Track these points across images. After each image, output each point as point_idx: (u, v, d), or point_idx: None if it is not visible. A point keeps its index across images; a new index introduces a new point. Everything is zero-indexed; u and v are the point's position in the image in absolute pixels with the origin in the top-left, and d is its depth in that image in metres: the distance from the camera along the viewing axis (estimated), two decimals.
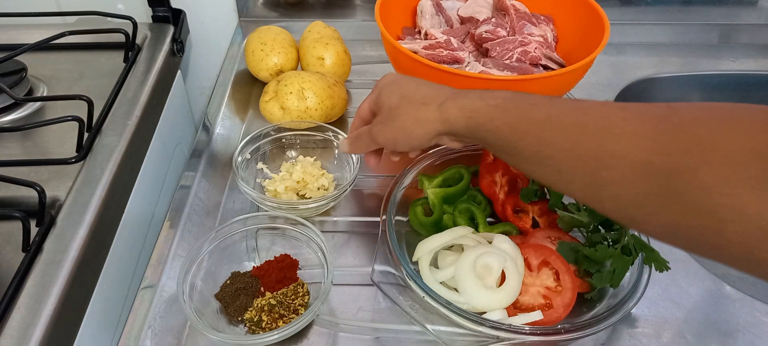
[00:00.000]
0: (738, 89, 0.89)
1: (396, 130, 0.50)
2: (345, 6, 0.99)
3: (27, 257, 0.53)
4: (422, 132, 0.48)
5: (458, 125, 0.46)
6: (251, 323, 0.51)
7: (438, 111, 0.47)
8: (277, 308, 0.51)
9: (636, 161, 0.33)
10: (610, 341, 0.53)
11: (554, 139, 0.38)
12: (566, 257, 0.54)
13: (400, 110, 0.49)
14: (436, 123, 0.47)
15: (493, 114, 0.43)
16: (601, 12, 0.72)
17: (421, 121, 0.48)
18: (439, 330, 0.50)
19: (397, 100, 0.50)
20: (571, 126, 0.38)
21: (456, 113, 0.46)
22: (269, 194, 0.64)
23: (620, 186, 0.34)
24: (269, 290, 0.54)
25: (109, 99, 0.72)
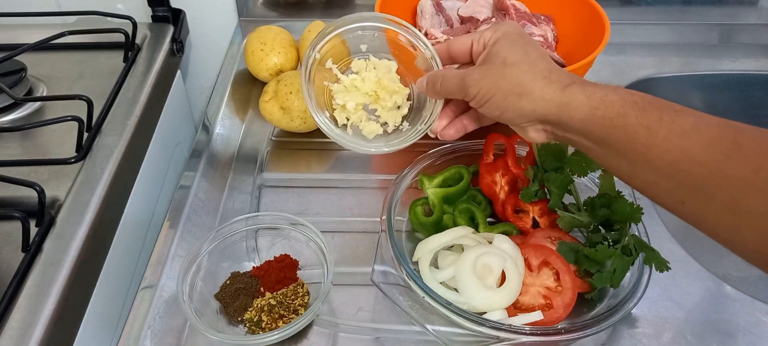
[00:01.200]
0: (738, 89, 0.89)
1: (497, 88, 0.43)
2: (345, 5, 0.99)
3: (27, 257, 0.53)
4: (528, 108, 0.42)
5: (578, 115, 0.40)
6: (251, 324, 0.51)
7: (560, 92, 0.41)
8: (276, 309, 0.51)
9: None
10: (611, 341, 0.53)
11: (700, 153, 0.34)
12: (566, 257, 0.54)
13: (516, 69, 0.42)
14: (551, 105, 0.41)
15: (628, 110, 0.38)
16: (602, 12, 0.72)
17: (532, 95, 0.41)
18: (439, 330, 0.50)
19: (517, 57, 0.43)
20: (722, 141, 0.33)
21: (581, 100, 0.40)
22: (339, 109, 0.54)
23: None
24: (269, 290, 0.54)
25: (108, 99, 0.72)
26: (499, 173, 0.62)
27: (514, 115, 0.43)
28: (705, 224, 0.35)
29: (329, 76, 0.56)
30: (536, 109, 0.42)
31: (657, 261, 0.52)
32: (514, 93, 0.42)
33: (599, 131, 0.39)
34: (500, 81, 0.43)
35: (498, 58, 0.44)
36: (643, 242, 0.53)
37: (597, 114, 0.39)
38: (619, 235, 0.53)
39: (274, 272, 0.54)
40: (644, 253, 0.52)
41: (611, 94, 0.39)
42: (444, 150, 0.65)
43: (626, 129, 0.37)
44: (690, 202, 0.35)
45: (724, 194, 0.33)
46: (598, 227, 0.56)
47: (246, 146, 0.73)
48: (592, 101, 0.40)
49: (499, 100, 0.43)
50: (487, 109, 0.44)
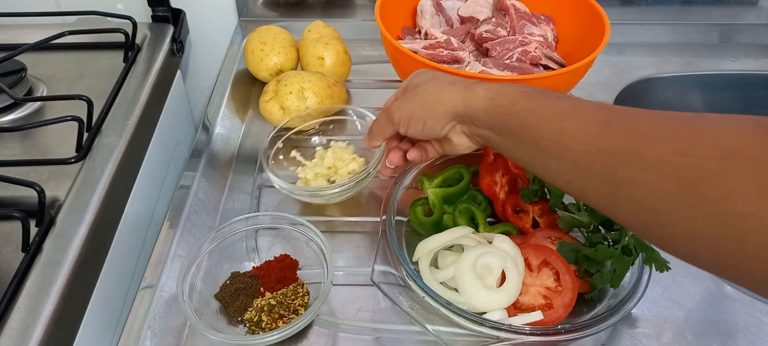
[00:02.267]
0: (738, 89, 0.89)
1: (414, 105, 0.49)
2: (345, 6, 0.99)
3: (26, 257, 0.53)
4: (440, 110, 0.47)
5: (479, 106, 0.44)
6: (251, 324, 0.51)
7: (464, 90, 0.46)
8: (276, 309, 0.51)
9: (657, 160, 0.32)
10: (611, 341, 0.53)
11: (576, 131, 0.37)
12: (566, 257, 0.54)
13: (425, 87, 0.49)
14: (458, 101, 0.46)
15: (517, 98, 0.42)
16: (602, 12, 0.72)
17: (442, 99, 0.47)
18: (439, 330, 0.50)
19: (425, 79, 0.49)
20: (595, 120, 0.37)
21: (481, 93, 0.44)
22: (301, 182, 0.64)
23: (639, 187, 0.33)
24: (269, 290, 0.54)
25: (108, 99, 0.72)
26: (499, 172, 0.62)
27: (434, 122, 0.48)
28: (589, 198, 0.38)
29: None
30: (448, 109, 0.46)
31: (657, 261, 0.52)
32: (428, 103, 0.48)
33: (498, 120, 0.43)
34: (416, 99, 0.49)
35: (410, 87, 0.50)
36: (643, 241, 0.53)
37: (494, 104, 0.43)
38: (619, 235, 0.53)
39: (274, 272, 0.54)
40: (644, 253, 0.52)
41: (505, 87, 0.44)
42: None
43: (518, 115, 0.41)
44: (575, 178, 0.38)
45: (599, 166, 0.35)
46: (598, 227, 0.56)
47: (246, 146, 0.73)
48: (489, 93, 0.44)
49: (419, 112, 0.48)
50: (413, 127, 0.49)
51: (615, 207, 0.35)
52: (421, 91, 0.49)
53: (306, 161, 0.67)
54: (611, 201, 0.36)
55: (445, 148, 0.52)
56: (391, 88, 0.83)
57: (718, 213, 0.29)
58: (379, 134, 0.53)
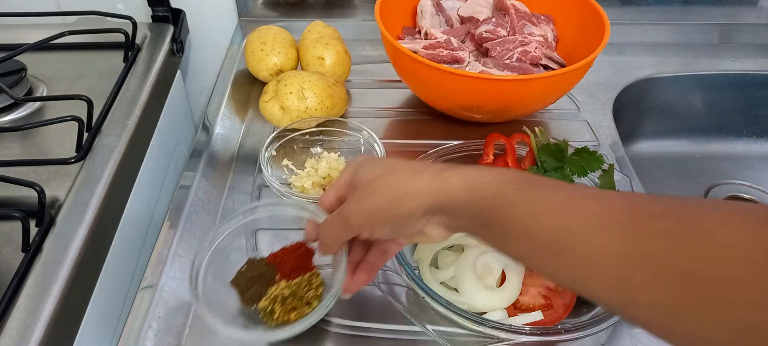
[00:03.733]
0: (738, 89, 0.89)
1: (376, 206, 0.41)
2: (345, 6, 0.99)
3: (26, 257, 0.53)
4: (412, 205, 0.39)
5: (458, 198, 0.38)
6: (264, 313, 0.49)
7: (434, 180, 0.39)
8: (290, 300, 0.49)
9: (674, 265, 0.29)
10: (611, 341, 0.53)
11: (579, 228, 0.33)
12: None
13: (382, 181, 0.41)
14: (430, 194, 0.39)
15: (505, 189, 0.36)
16: (602, 12, 0.72)
17: (409, 193, 0.40)
18: (439, 330, 0.50)
19: (380, 171, 0.42)
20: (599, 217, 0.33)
21: (457, 183, 0.38)
22: (297, 189, 0.64)
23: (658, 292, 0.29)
24: (285, 279, 0.51)
25: (108, 99, 0.72)
26: None
27: (405, 221, 0.40)
28: (598, 299, 0.34)
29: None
30: (421, 204, 0.39)
31: None
32: (393, 200, 0.40)
33: (481, 214, 0.37)
34: (375, 197, 0.41)
35: (362, 182, 0.42)
36: None
37: (475, 197, 0.37)
38: None
39: (290, 260, 0.51)
40: None
41: (484, 174, 0.38)
42: (443, 150, 0.65)
43: (505, 209, 0.36)
44: (579, 279, 0.34)
45: (610, 269, 0.31)
46: None
47: (246, 146, 0.73)
48: (467, 183, 0.38)
49: (384, 214, 0.40)
50: (379, 230, 0.42)
51: (630, 310, 0.32)
52: (379, 188, 0.41)
53: (298, 170, 0.67)
54: (625, 303, 0.32)
55: (417, 241, 0.45)
56: (391, 88, 0.83)
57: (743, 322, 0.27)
58: (333, 242, 0.45)
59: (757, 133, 0.93)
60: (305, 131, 0.69)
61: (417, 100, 0.79)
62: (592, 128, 0.76)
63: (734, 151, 0.93)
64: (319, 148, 0.70)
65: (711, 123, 0.92)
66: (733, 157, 0.93)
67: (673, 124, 0.92)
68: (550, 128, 0.77)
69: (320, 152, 0.70)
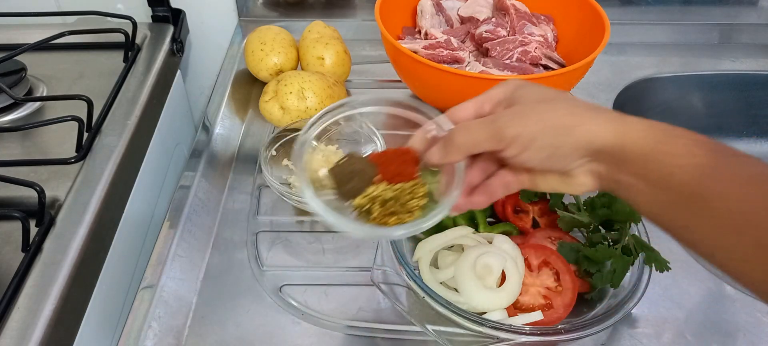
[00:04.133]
0: (738, 89, 0.89)
1: (544, 123, 0.36)
2: (345, 6, 0.99)
3: (26, 257, 0.53)
4: (582, 138, 0.36)
5: (638, 147, 0.34)
6: (360, 211, 0.45)
7: (614, 120, 0.36)
8: (391, 203, 0.45)
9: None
10: (611, 341, 0.53)
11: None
12: (567, 257, 0.54)
13: (556, 104, 0.37)
14: (607, 134, 0.35)
15: (696, 150, 0.32)
16: (602, 12, 0.72)
17: (584, 125, 0.36)
18: (439, 331, 0.50)
19: (553, 94, 0.38)
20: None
21: (642, 130, 0.35)
22: (297, 189, 0.63)
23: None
24: (386, 181, 0.46)
25: (108, 99, 0.72)
26: None
27: (567, 152, 0.36)
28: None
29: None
30: (593, 139, 0.35)
31: (657, 261, 0.52)
32: (564, 125, 0.36)
33: (661, 170, 0.33)
34: (545, 115, 0.37)
35: (527, 98, 0.38)
36: (643, 241, 0.53)
37: (661, 149, 0.34)
38: (619, 235, 0.53)
39: (393, 164, 0.47)
40: (644, 253, 0.52)
41: (674, 129, 0.34)
42: None
43: (693, 170, 0.32)
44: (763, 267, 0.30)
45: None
46: (598, 227, 0.56)
47: (246, 146, 0.73)
48: (654, 133, 0.34)
49: (549, 136, 0.36)
50: (530, 155, 0.37)
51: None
52: (551, 109, 0.37)
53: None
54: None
55: (553, 185, 0.40)
56: (391, 88, 0.83)
57: None
58: (464, 148, 0.40)
59: (758, 134, 0.93)
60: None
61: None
62: None
63: None
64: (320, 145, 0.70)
65: (711, 123, 0.92)
66: None
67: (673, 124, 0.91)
68: None
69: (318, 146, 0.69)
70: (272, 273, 0.58)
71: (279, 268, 0.58)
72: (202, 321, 0.54)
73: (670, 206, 0.34)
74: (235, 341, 0.52)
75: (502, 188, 0.42)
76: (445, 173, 0.45)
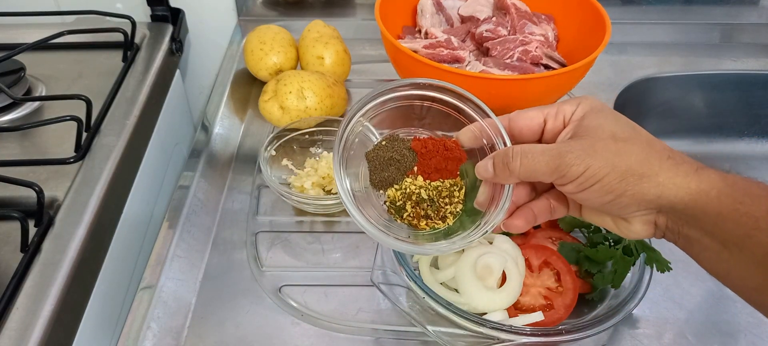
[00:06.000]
0: (739, 89, 0.89)
1: (614, 167, 0.34)
2: (345, 5, 0.98)
3: (25, 257, 0.53)
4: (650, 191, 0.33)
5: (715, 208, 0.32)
6: (392, 205, 0.44)
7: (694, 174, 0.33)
8: (426, 204, 0.43)
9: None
10: (612, 341, 0.52)
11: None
12: (567, 257, 0.53)
13: (632, 146, 0.35)
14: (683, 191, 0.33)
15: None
16: (603, 11, 0.72)
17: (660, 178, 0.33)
18: (439, 331, 0.50)
19: (628, 132, 0.35)
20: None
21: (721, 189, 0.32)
22: (296, 189, 0.64)
23: None
24: (424, 175, 0.44)
25: (107, 99, 0.72)
26: None
27: (630, 202, 0.34)
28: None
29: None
30: (663, 194, 0.33)
31: (658, 262, 0.51)
32: (634, 174, 0.34)
33: (736, 232, 0.31)
34: (615, 158, 0.34)
35: (601, 131, 0.35)
36: (644, 242, 0.53)
37: (740, 210, 0.32)
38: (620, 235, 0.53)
39: (436, 157, 0.44)
40: (645, 253, 0.52)
41: (755, 188, 0.32)
42: None
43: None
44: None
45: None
46: (599, 228, 0.56)
47: (245, 146, 0.73)
48: (734, 192, 0.32)
49: (614, 182, 0.34)
50: (591, 194, 0.35)
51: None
52: (620, 152, 0.34)
53: (298, 170, 0.67)
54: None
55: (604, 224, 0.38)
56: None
57: None
58: (524, 175, 0.37)
59: (758, 133, 0.93)
60: (305, 131, 0.69)
61: None
62: None
63: (735, 151, 0.93)
64: (318, 148, 0.70)
65: (712, 123, 0.92)
66: (734, 157, 0.92)
67: (674, 124, 0.92)
68: None
69: (320, 152, 0.70)
70: (272, 273, 0.57)
71: (278, 268, 0.58)
72: (202, 322, 0.53)
73: (741, 267, 0.32)
74: (235, 341, 0.52)
75: (547, 214, 0.40)
76: (489, 185, 0.42)
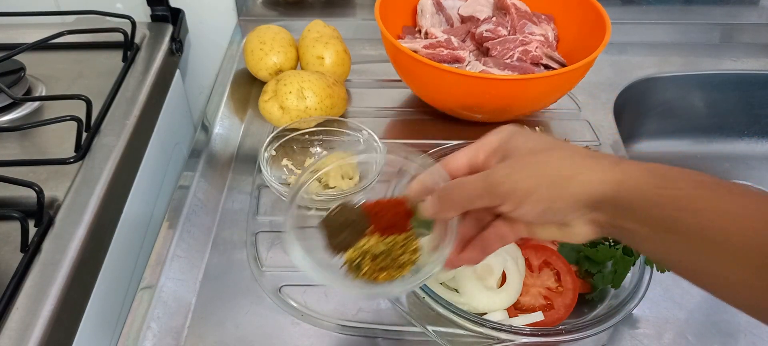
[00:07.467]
0: (739, 89, 0.89)
1: (540, 177, 0.35)
2: (345, 5, 0.98)
3: (25, 257, 0.53)
4: (578, 190, 0.35)
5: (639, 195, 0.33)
6: (350, 265, 0.45)
7: (614, 167, 0.35)
8: (382, 257, 0.44)
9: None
10: (612, 341, 0.52)
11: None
12: (567, 257, 0.53)
13: (550, 155, 0.36)
14: (606, 183, 0.34)
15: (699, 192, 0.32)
16: (603, 11, 0.72)
17: (581, 176, 0.35)
18: (439, 331, 0.50)
19: (546, 144, 0.37)
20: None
21: (641, 177, 0.34)
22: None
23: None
24: (378, 233, 0.46)
25: (107, 99, 0.72)
26: None
27: (564, 205, 0.35)
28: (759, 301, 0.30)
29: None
30: (590, 191, 0.34)
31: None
32: (560, 177, 0.35)
33: (665, 216, 0.32)
34: (538, 169, 0.36)
35: (522, 149, 0.37)
36: None
37: (663, 194, 0.33)
38: None
39: (386, 215, 0.46)
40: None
41: (673, 172, 0.34)
42: (444, 150, 0.65)
43: (697, 214, 0.32)
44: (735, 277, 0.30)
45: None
46: None
47: (245, 146, 0.73)
48: (654, 179, 0.33)
49: (544, 190, 0.35)
50: (527, 208, 0.36)
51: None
52: (544, 161, 0.36)
53: (298, 170, 0.67)
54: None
55: (552, 235, 0.39)
56: (391, 87, 0.83)
57: None
58: (458, 205, 0.39)
59: (758, 133, 0.93)
60: (305, 131, 0.69)
61: (417, 99, 0.79)
62: (593, 128, 0.76)
63: (735, 151, 0.93)
64: (318, 148, 0.70)
65: (712, 123, 0.92)
66: (734, 157, 0.92)
67: (674, 124, 0.92)
68: (550, 128, 0.77)
69: (320, 152, 0.69)
70: (272, 273, 0.57)
71: (278, 268, 0.58)
72: (202, 322, 0.53)
73: (675, 250, 0.33)
74: (235, 341, 0.52)
75: (498, 241, 0.41)
76: (438, 227, 0.44)
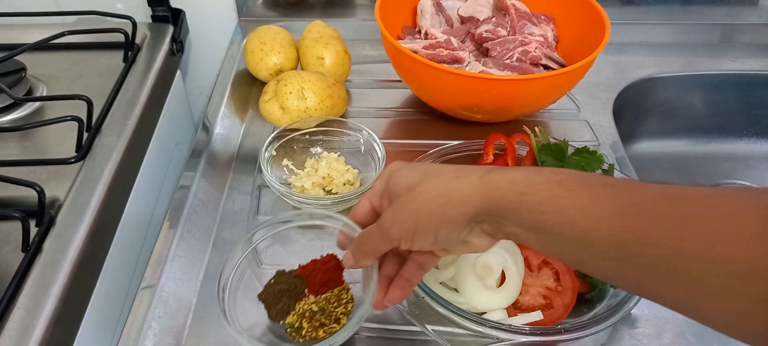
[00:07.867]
0: (739, 89, 0.89)
1: (415, 214, 0.38)
2: (345, 5, 0.99)
3: (26, 257, 0.53)
4: (456, 212, 0.37)
5: (508, 203, 0.35)
6: (292, 329, 0.48)
7: (480, 183, 0.36)
8: (318, 316, 0.47)
9: (756, 267, 0.27)
10: (611, 341, 0.52)
11: (646, 232, 0.31)
12: None
13: (423, 187, 0.38)
14: (477, 199, 0.36)
15: (557, 192, 0.34)
16: (602, 11, 0.72)
17: (454, 199, 0.37)
18: (439, 331, 0.50)
19: (418, 176, 0.39)
20: (666, 216, 0.30)
21: (506, 186, 0.35)
22: (297, 189, 0.64)
23: (737, 296, 0.28)
24: (314, 293, 0.49)
25: (108, 99, 0.72)
26: None
27: (449, 229, 0.38)
28: (667, 302, 0.32)
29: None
30: (465, 210, 0.37)
31: None
32: (435, 207, 0.37)
33: (532, 219, 0.35)
34: (415, 205, 0.38)
35: (399, 188, 0.40)
36: None
37: (526, 200, 0.35)
38: None
39: (319, 273, 0.49)
40: None
41: (534, 176, 0.35)
42: (444, 150, 0.65)
43: (559, 214, 0.34)
44: (646, 283, 0.32)
45: (681, 273, 0.30)
46: None
47: (246, 146, 0.73)
48: (516, 186, 0.35)
49: (426, 222, 0.38)
50: (420, 242, 0.39)
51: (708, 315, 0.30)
52: (419, 195, 0.38)
53: (298, 170, 0.67)
54: (701, 310, 0.30)
55: (459, 251, 0.42)
56: (391, 88, 0.83)
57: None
58: (369, 254, 0.43)
59: (758, 133, 0.93)
60: (305, 131, 0.69)
61: (417, 100, 0.79)
62: (592, 128, 0.76)
63: (735, 151, 0.93)
64: (319, 148, 0.70)
65: (712, 123, 0.92)
66: (734, 157, 0.92)
67: (673, 124, 0.92)
68: (550, 128, 0.77)
69: (320, 152, 0.70)
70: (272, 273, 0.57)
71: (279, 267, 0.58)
72: (202, 321, 0.54)
73: (556, 246, 0.35)
74: (235, 341, 0.52)
75: (418, 272, 0.44)
76: (364, 273, 0.48)
